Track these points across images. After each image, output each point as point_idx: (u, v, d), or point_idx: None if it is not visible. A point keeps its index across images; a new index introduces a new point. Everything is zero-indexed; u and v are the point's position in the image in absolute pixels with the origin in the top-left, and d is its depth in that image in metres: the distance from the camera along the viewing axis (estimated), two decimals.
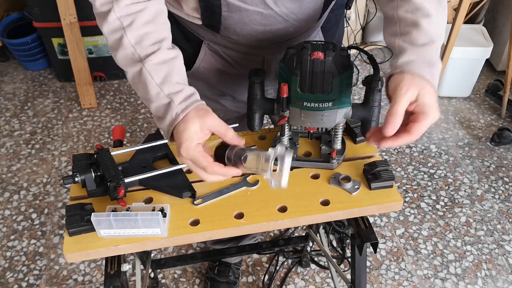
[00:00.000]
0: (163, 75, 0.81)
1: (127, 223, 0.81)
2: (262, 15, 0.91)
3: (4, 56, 2.90)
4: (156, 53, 0.81)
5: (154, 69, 0.81)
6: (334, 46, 0.82)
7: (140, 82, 0.82)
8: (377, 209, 0.91)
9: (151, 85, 0.80)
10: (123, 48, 0.81)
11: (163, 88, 0.81)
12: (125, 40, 0.81)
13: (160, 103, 0.81)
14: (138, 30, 0.81)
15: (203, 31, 0.99)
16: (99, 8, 0.81)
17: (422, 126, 0.77)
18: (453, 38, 2.14)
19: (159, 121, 0.83)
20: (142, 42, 0.81)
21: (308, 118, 0.86)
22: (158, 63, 0.81)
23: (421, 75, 0.78)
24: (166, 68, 0.82)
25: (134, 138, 2.36)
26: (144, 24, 0.82)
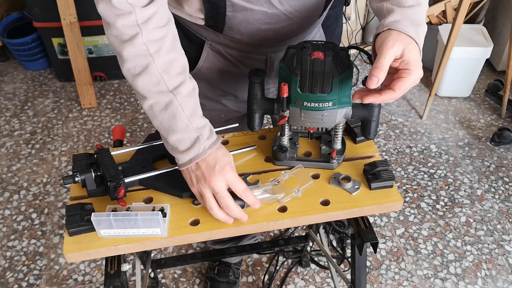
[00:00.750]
0: (192, 108, 0.83)
1: (127, 223, 0.81)
2: (267, 14, 0.91)
3: (4, 56, 2.90)
4: (184, 84, 0.82)
5: (184, 101, 0.81)
6: (334, 46, 0.82)
7: (165, 112, 0.81)
8: (377, 209, 0.91)
9: (181, 117, 0.81)
10: (148, 75, 0.79)
11: (192, 122, 0.82)
12: (152, 68, 0.79)
13: (187, 135, 0.82)
14: (164, 58, 0.80)
15: (205, 31, 0.99)
16: (121, 30, 0.77)
17: (406, 83, 0.77)
18: (453, 38, 2.14)
19: (181, 153, 0.83)
20: (169, 71, 0.80)
21: (308, 118, 0.86)
22: (187, 95, 0.82)
23: (407, 32, 0.78)
24: (193, 101, 0.83)
25: (134, 138, 2.36)
26: (169, 51, 0.81)
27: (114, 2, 0.75)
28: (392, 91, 0.77)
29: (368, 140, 1.02)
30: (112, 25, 0.77)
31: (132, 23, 0.77)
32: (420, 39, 0.80)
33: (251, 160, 1.00)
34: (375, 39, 0.81)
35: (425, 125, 2.44)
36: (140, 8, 0.77)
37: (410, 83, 0.77)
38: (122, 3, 0.75)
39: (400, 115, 2.49)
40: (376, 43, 0.80)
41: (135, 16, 0.76)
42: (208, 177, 0.82)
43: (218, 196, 0.83)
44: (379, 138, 2.35)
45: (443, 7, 2.50)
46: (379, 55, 0.76)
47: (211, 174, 0.82)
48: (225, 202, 0.83)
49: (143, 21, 0.77)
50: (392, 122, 2.45)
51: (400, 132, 2.39)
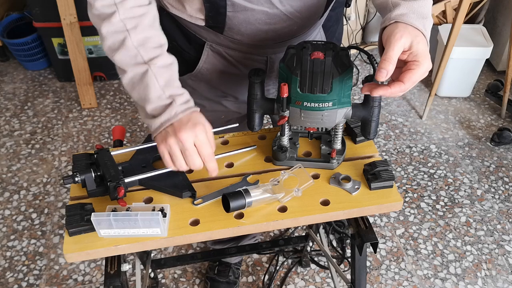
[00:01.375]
0: (166, 78, 0.85)
1: (127, 223, 0.81)
2: (268, 14, 0.91)
3: (4, 56, 2.90)
4: (160, 57, 0.85)
5: (158, 72, 0.84)
6: (334, 46, 0.82)
7: (141, 83, 0.84)
8: (377, 209, 0.91)
9: (154, 87, 0.83)
10: (125, 49, 0.83)
11: (165, 90, 0.84)
12: (128, 42, 0.83)
13: (159, 104, 0.84)
14: (141, 33, 0.84)
15: (206, 32, 0.99)
16: (100, 9, 0.83)
17: (415, 75, 0.77)
18: (453, 38, 2.14)
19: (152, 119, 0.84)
20: (146, 45, 0.84)
21: (308, 118, 0.87)
22: (162, 66, 0.85)
23: (414, 25, 0.78)
24: (169, 72, 0.86)
25: (134, 138, 2.36)
26: (146, 28, 0.85)
27: None
28: (401, 83, 0.77)
29: (368, 140, 1.02)
30: (92, 5, 0.83)
31: (110, 2, 0.82)
32: (427, 32, 0.80)
33: (251, 160, 1.00)
34: (382, 33, 0.81)
35: (425, 125, 2.44)
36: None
37: (420, 75, 0.77)
38: None
39: (400, 115, 2.49)
40: (383, 37, 0.80)
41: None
42: (177, 130, 0.81)
43: (186, 154, 0.82)
44: (379, 138, 2.35)
45: (443, 7, 2.50)
46: (387, 47, 0.76)
47: (181, 128, 0.81)
48: (192, 159, 0.82)
49: (120, 0, 0.82)
50: (392, 122, 2.45)
51: (400, 132, 2.39)
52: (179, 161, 0.83)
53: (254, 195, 0.86)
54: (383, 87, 0.78)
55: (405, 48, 0.77)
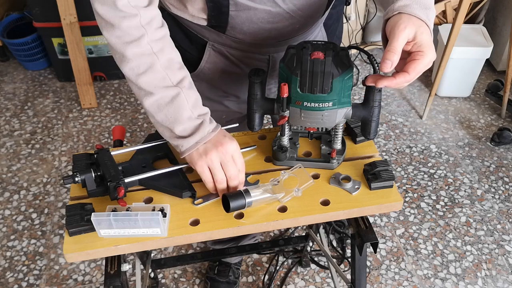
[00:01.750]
0: (194, 99, 0.87)
1: (127, 223, 0.81)
2: (270, 13, 0.91)
3: (4, 56, 2.90)
4: (186, 78, 0.87)
5: (188, 93, 0.86)
6: (334, 46, 0.82)
7: (171, 106, 0.85)
8: (377, 209, 0.91)
9: (185, 108, 0.85)
10: (153, 72, 0.83)
11: (194, 111, 0.86)
12: (157, 65, 0.83)
13: (190, 124, 0.86)
14: (167, 55, 0.85)
15: (208, 32, 0.99)
16: (126, 31, 0.81)
17: (420, 65, 0.77)
18: (453, 38, 2.14)
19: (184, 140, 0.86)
20: (172, 67, 0.85)
21: (308, 118, 0.87)
22: (189, 87, 0.87)
23: (418, 15, 0.78)
24: (195, 93, 0.89)
25: (134, 138, 2.36)
26: (170, 49, 0.86)
27: (119, 5, 0.78)
28: (406, 73, 0.77)
29: (368, 140, 1.02)
30: (116, 27, 0.80)
31: (137, 25, 0.81)
32: (431, 22, 0.80)
33: (251, 160, 1.00)
34: (385, 24, 0.81)
35: (425, 125, 2.44)
36: (143, 10, 0.81)
37: (424, 65, 0.77)
38: (127, 6, 0.79)
39: (400, 115, 2.49)
40: (386, 28, 0.80)
41: (139, 18, 0.80)
42: (219, 144, 0.86)
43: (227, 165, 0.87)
44: (379, 138, 2.35)
45: (443, 7, 2.50)
46: (391, 38, 0.76)
47: (222, 142, 0.87)
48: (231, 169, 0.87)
49: (146, 22, 0.82)
50: (392, 122, 2.45)
51: (400, 132, 2.39)
52: (220, 174, 0.87)
53: (254, 195, 0.86)
54: (388, 78, 0.78)
55: (409, 38, 0.77)
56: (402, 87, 0.82)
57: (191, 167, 0.97)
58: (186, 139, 0.86)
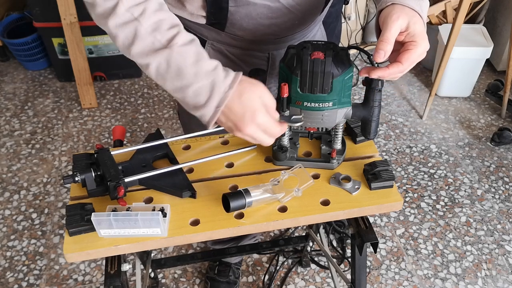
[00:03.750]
0: (194, 54, 0.77)
1: (127, 223, 0.81)
2: (269, 8, 0.91)
3: (4, 56, 2.90)
4: (178, 35, 0.77)
5: (183, 50, 0.76)
6: (334, 46, 0.82)
7: (170, 69, 0.76)
8: (377, 209, 0.91)
9: (186, 66, 0.76)
10: (139, 39, 0.76)
11: (198, 68, 0.76)
12: (141, 31, 0.76)
13: (201, 83, 0.76)
14: (152, 18, 0.76)
15: (207, 30, 0.99)
16: (102, 5, 0.76)
17: (413, 55, 0.77)
18: (453, 38, 2.14)
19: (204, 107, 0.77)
20: (160, 28, 0.76)
21: (308, 118, 0.87)
22: (184, 44, 0.77)
23: (411, 6, 0.78)
24: (194, 48, 0.77)
25: (134, 138, 2.36)
26: (155, 11, 0.77)
27: None
28: (399, 63, 0.77)
29: (368, 140, 1.02)
30: (94, 4, 0.77)
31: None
32: (424, 13, 0.80)
33: (251, 160, 1.00)
34: (378, 15, 0.81)
35: (425, 125, 2.44)
36: None
37: (417, 55, 0.77)
38: None
39: (400, 115, 2.49)
40: (380, 19, 0.80)
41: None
42: (240, 127, 0.77)
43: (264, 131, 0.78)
44: (379, 138, 2.35)
45: (443, 7, 2.50)
46: (384, 29, 0.76)
47: (241, 124, 0.77)
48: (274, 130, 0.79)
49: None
50: (392, 122, 2.45)
51: (400, 132, 2.39)
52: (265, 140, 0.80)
53: (254, 195, 0.86)
54: (381, 69, 0.78)
55: (402, 29, 0.77)
56: (396, 78, 0.82)
57: (191, 167, 0.97)
58: (205, 107, 0.77)
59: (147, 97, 2.62)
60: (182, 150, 1.02)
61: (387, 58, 0.79)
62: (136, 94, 2.64)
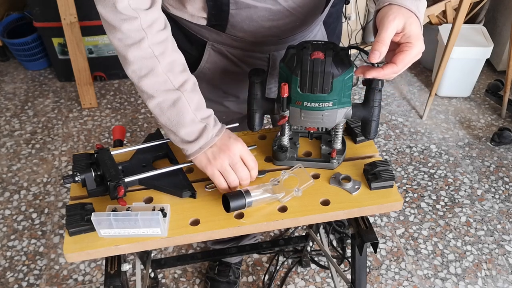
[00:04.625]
0: (196, 102, 0.87)
1: (127, 223, 0.81)
2: (270, 11, 0.91)
3: (4, 56, 2.90)
4: (188, 81, 0.86)
5: (190, 97, 0.86)
6: (334, 45, 0.82)
7: (173, 109, 0.85)
8: (377, 209, 0.91)
9: (187, 112, 0.85)
10: (154, 76, 0.83)
11: (197, 114, 0.86)
12: (158, 68, 0.83)
13: (194, 128, 0.86)
14: (168, 58, 0.84)
15: (207, 31, 0.99)
16: (127, 34, 0.80)
17: (408, 56, 0.77)
18: (453, 38, 2.14)
19: (189, 144, 0.87)
20: (174, 70, 0.85)
21: (308, 118, 0.87)
22: (191, 90, 0.86)
23: (408, 7, 0.78)
24: (197, 95, 0.88)
25: (134, 138, 2.36)
26: (172, 52, 0.85)
27: (119, 8, 0.78)
28: (394, 64, 0.77)
29: (368, 140, 1.02)
30: (118, 29, 0.80)
31: (138, 28, 0.80)
32: (421, 14, 0.80)
33: None
34: (376, 15, 0.81)
35: (425, 125, 2.44)
36: (144, 12, 0.80)
37: (412, 57, 0.78)
38: (127, 9, 0.78)
39: (400, 115, 2.49)
40: (377, 19, 0.80)
41: (140, 21, 0.80)
42: (226, 148, 0.87)
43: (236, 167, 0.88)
44: (379, 138, 2.35)
45: (443, 7, 2.50)
46: (380, 29, 0.77)
47: (228, 144, 0.87)
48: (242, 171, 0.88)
49: (147, 25, 0.81)
50: (392, 122, 2.45)
51: (400, 132, 2.39)
52: (232, 176, 0.87)
53: (254, 195, 0.86)
54: (376, 69, 0.79)
55: (398, 29, 0.77)
56: (391, 78, 0.83)
57: (191, 167, 0.97)
58: (191, 144, 0.87)
59: None
60: None
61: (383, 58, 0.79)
62: (136, 94, 2.64)
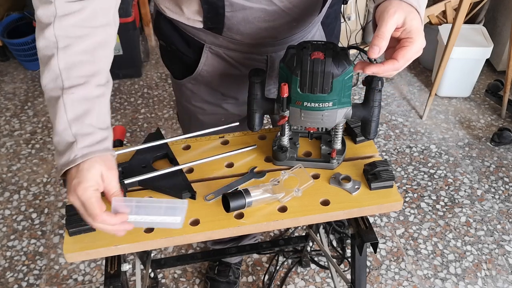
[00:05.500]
0: (79, 113, 0.75)
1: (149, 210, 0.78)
2: (266, 12, 0.91)
3: (4, 56, 2.90)
4: (80, 86, 0.75)
5: (71, 104, 0.74)
6: (334, 46, 0.82)
7: (52, 109, 0.75)
8: (377, 209, 0.91)
9: (61, 118, 0.74)
10: (48, 69, 0.75)
11: (72, 126, 0.74)
12: (53, 62, 0.75)
13: (63, 139, 0.74)
14: (71, 56, 0.75)
15: (204, 34, 0.99)
16: (39, 16, 0.75)
17: (409, 52, 0.74)
18: (453, 38, 2.14)
19: (56, 155, 0.76)
20: (71, 71, 0.75)
21: (308, 118, 0.87)
22: (79, 99, 0.75)
23: (409, 1, 0.76)
24: (85, 106, 0.75)
25: (134, 138, 2.36)
26: (80, 52, 0.75)
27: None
28: (395, 60, 0.75)
29: (368, 140, 1.02)
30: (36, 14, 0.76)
31: (50, 14, 0.74)
32: (422, 9, 0.78)
33: (251, 160, 1.00)
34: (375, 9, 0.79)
35: (425, 125, 2.44)
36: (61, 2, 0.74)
37: (413, 53, 0.75)
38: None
39: (400, 115, 2.49)
40: (376, 14, 0.78)
41: (54, 8, 0.74)
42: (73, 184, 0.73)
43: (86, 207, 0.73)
44: (379, 138, 2.35)
45: (443, 7, 2.50)
46: (380, 23, 0.74)
47: (69, 188, 0.74)
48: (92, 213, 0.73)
49: (62, 15, 0.74)
50: (392, 122, 2.45)
51: (400, 132, 2.39)
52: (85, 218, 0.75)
53: (254, 195, 0.86)
54: (376, 65, 0.76)
55: (398, 24, 0.74)
56: (392, 75, 0.80)
57: (191, 167, 0.97)
58: (58, 157, 0.75)
59: (147, 97, 2.62)
60: (182, 150, 1.02)
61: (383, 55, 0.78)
62: (136, 94, 2.64)
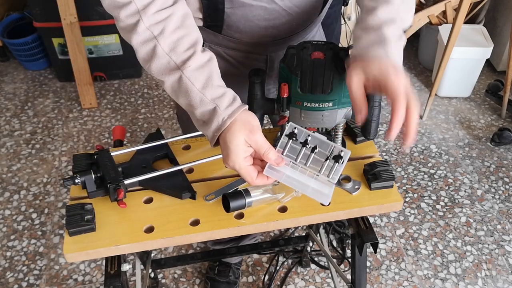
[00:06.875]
0: (204, 79, 0.80)
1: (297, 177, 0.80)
2: (266, 10, 0.91)
3: (4, 56, 2.90)
4: (192, 58, 0.80)
5: (193, 75, 0.79)
6: (334, 46, 0.82)
7: (180, 90, 0.80)
8: (377, 209, 0.91)
9: (193, 92, 0.79)
10: (157, 58, 0.79)
11: (205, 94, 0.79)
12: (158, 49, 0.79)
13: (205, 108, 0.79)
14: (170, 37, 0.79)
15: (204, 33, 0.99)
16: (125, 21, 0.79)
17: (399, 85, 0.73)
18: (453, 38, 2.14)
19: (204, 127, 0.81)
20: (177, 49, 0.80)
21: (308, 118, 0.87)
22: (196, 68, 0.80)
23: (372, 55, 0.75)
24: (205, 72, 0.81)
25: (134, 138, 2.36)
26: (175, 30, 0.80)
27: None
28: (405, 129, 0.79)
29: (368, 140, 1.02)
30: (118, 19, 0.79)
31: (133, 12, 0.78)
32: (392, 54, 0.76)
33: None
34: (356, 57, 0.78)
35: (425, 125, 2.44)
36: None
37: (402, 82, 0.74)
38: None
39: None
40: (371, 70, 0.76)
41: (135, 5, 0.78)
42: (224, 155, 0.79)
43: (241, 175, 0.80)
44: (379, 138, 2.35)
45: (443, 7, 2.50)
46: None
47: (224, 155, 0.79)
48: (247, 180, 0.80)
49: (143, 7, 0.78)
50: None
51: (400, 132, 2.39)
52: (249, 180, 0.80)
53: (254, 195, 0.86)
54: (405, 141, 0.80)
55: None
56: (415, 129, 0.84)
57: (191, 167, 0.97)
58: (206, 128, 0.81)
59: (147, 97, 2.62)
60: (182, 150, 1.02)
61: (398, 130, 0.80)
62: (136, 94, 2.64)
